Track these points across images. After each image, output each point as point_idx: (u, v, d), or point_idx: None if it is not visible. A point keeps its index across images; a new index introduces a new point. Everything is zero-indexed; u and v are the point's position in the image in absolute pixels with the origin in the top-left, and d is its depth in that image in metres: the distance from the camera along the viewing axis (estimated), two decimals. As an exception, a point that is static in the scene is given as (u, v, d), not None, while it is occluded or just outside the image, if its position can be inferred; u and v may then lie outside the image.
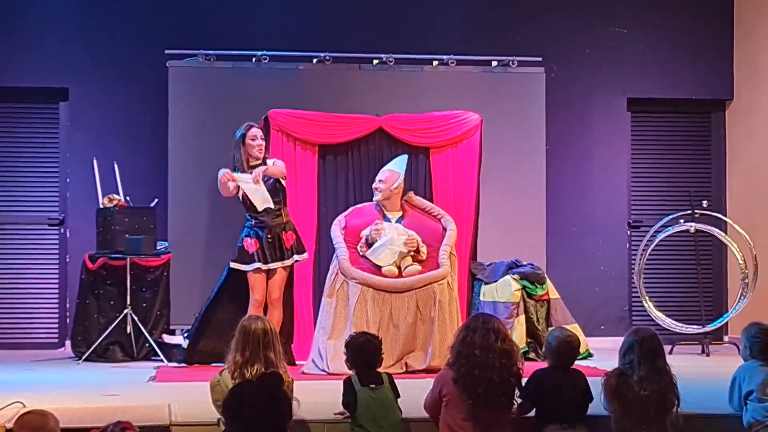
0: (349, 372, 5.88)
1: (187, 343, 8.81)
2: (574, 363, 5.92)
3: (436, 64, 10.15)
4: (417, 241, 8.64)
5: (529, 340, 9.15)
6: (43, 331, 10.35)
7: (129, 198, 9.69)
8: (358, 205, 9.09)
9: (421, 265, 8.57)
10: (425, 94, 9.94)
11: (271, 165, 8.60)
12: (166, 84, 9.78)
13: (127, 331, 9.19)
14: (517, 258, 9.58)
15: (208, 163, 9.36)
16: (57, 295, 10.37)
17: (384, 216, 8.82)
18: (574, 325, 9.22)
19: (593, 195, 10.99)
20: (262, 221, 8.52)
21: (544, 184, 10.27)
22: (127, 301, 9.18)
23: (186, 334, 9.12)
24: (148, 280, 9.51)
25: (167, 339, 9.43)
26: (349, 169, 9.51)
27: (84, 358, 9.16)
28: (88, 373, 8.48)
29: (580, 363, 8.42)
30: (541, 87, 10.25)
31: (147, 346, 9.28)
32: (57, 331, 10.33)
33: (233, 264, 8.58)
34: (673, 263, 11.01)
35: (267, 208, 8.51)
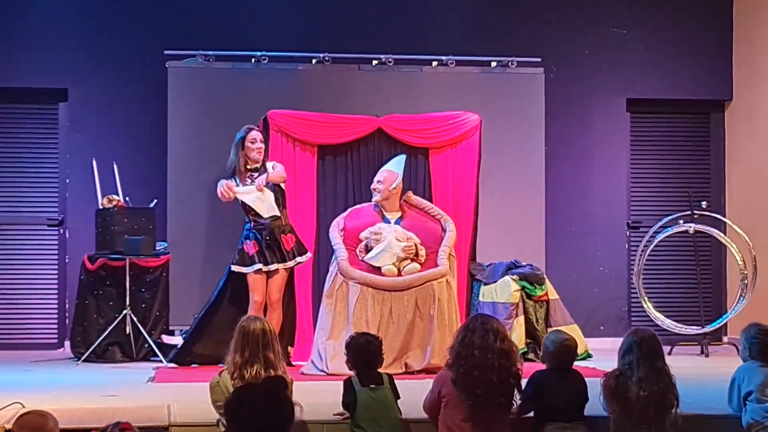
0: (349, 372, 5.88)
1: (182, 342, 8.82)
2: (571, 365, 5.91)
3: (435, 64, 10.14)
4: (416, 247, 8.64)
5: (528, 341, 9.15)
6: (42, 332, 10.35)
7: (128, 198, 9.68)
8: (356, 206, 9.09)
9: (420, 265, 8.58)
10: (424, 94, 9.94)
11: (271, 170, 8.60)
12: (166, 84, 9.77)
13: (127, 331, 9.19)
14: (516, 258, 9.58)
15: (208, 163, 9.37)
16: (56, 296, 10.36)
17: (383, 217, 8.82)
18: (573, 325, 9.23)
19: (592, 195, 10.99)
20: (261, 224, 8.52)
21: (543, 185, 10.27)
22: (127, 302, 9.18)
23: (185, 335, 9.13)
24: (148, 280, 9.51)
25: (166, 339, 9.43)
26: (349, 170, 9.51)
27: (83, 358, 9.15)
28: (88, 374, 8.48)
29: (579, 364, 8.44)
30: (540, 87, 10.24)
31: (146, 346, 9.28)
32: (56, 331, 10.32)
33: (234, 267, 8.58)
34: (672, 264, 11.01)
35: (271, 214, 8.51)
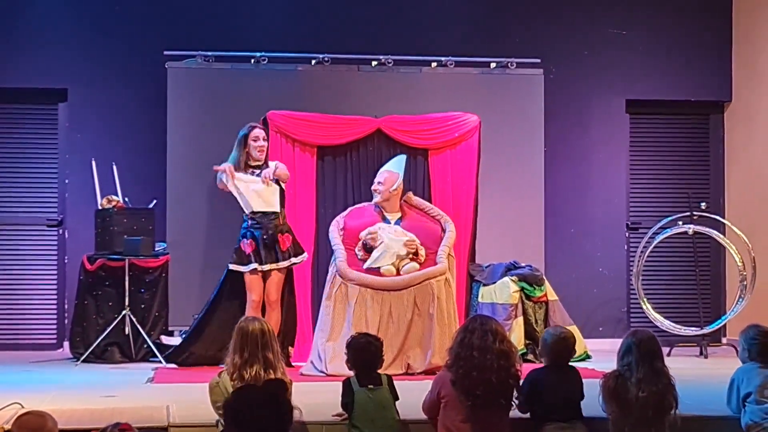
0: (349, 373, 5.88)
1: (180, 343, 8.81)
2: (569, 361, 5.92)
3: (434, 65, 10.14)
4: (417, 243, 8.64)
5: (527, 342, 9.15)
6: (41, 332, 10.34)
7: (128, 199, 9.68)
8: (357, 206, 9.10)
9: (419, 265, 8.57)
10: (424, 95, 9.94)
11: (274, 167, 8.61)
12: (165, 85, 9.77)
13: (126, 332, 9.19)
14: (515, 259, 9.58)
15: (207, 164, 9.33)
16: (55, 296, 10.35)
17: (383, 217, 8.83)
18: (572, 326, 9.22)
19: (592, 196, 10.99)
20: (258, 222, 8.52)
21: (542, 186, 10.27)
22: (126, 302, 9.18)
23: (184, 336, 9.13)
24: (147, 281, 9.51)
25: (165, 340, 9.43)
26: (348, 171, 9.51)
27: (82, 359, 9.15)
28: (87, 374, 8.47)
29: (578, 365, 8.45)
30: (539, 88, 10.25)
31: (145, 347, 9.28)
32: (55, 332, 10.32)
33: (231, 265, 8.59)
34: (671, 265, 11.01)
35: (264, 210, 8.51)
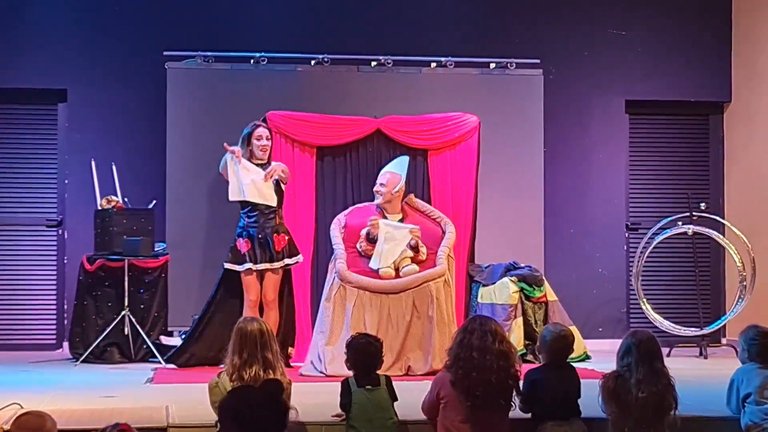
0: (349, 373, 5.88)
1: (180, 344, 8.81)
2: (567, 359, 5.91)
3: (434, 65, 10.14)
4: (419, 230, 8.65)
5: (527, 342, 9.14)
6: (40, 333, 10.34)
7: (127, 199, 9.68)
8: (358, 205, 9.10)
9: (419, 266, 8.57)
10: (423, 95, 9.93)
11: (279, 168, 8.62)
12: (165, 85, 9.77)
13: (125, 332, 9.18)
14: (515, 260, 9.57)
15: (207, 164, 9.36)
16: (55, 297, 10.35)
17: (384, 218, 8.82)
18: (571, 327, 9.18)
19: (591, 197, 10.98)
20: (254, 221, 8.52)
21: (542, 186, 10.27)
22: (125, 303, 9.17)
23: (184, 336, 9.13)
24: (146, 281, 9.51)
25: (165, 340, 9.43)
26: (348, 171, 9.51)
27: (81, 359, 9.15)
28: (86, 375, 8.47)
29: (577, 365, 8.44)
30: (539, 89, 10.24)
31: (145, 347, 9.28)
32: (55, 332, 10.31)
33: (227, 265, 8.60)
34: (671, 265, 11.01)
35: (260, 207, 8.50)
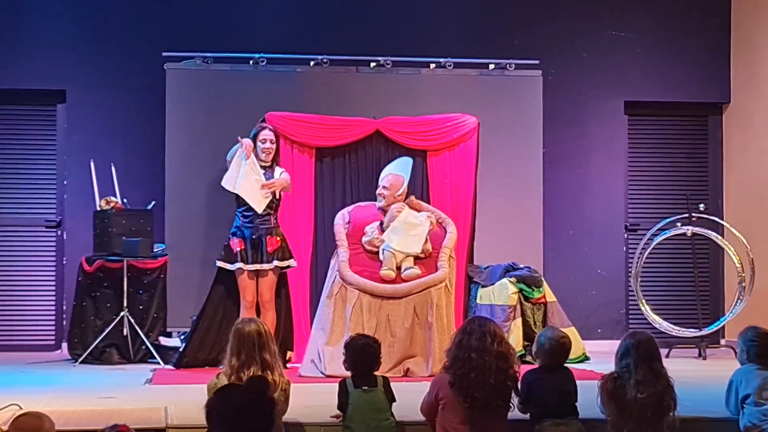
0: (347, 374, 5.88)
1: (183, 347, 8.81)
2: (564, 363, 5.91)
3: (433, 66, 10.13)
4: (434, 218, 8.72)
5: (525, 343, 9.13)
6: (39, 334, 10.34)
7: (126, 200, 9.68)
8: (360, 203, 9.09)
9: (421, 266, 8.55)
10: (422, 96, 9.92)
11: (278, 176, 8.60)
12: (164, 86, 9.75)
13: (124, 333, 9.18)
14: (514, 261, 9.57)
15: (206, 165, 9.36)
16: (54, 297, 10.35)
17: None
18: (570, 328, 9.22)
19: (590, 198, 10.99)
20: (250, 221, 8.51)
21: (541, 187, 10.26)
22: (124, 304, 9.17)
23: (183, 337, 9.13)
24: (145, 282, 9.51)
25: (164, 341, 9.43)
26: (347, 172, 9.51)
27: (80, 360, 9.15)
28: (85, 376, 8.47)
29: (576, 366, 8.45)
30: (538, 90, 10.23)
31: (143, 348, 9.28)
32: (53, 333, 10.31)
33: (219, 262, 8.61)
34: (670, 267, 11.01)
35: (246, 203, 8.51)
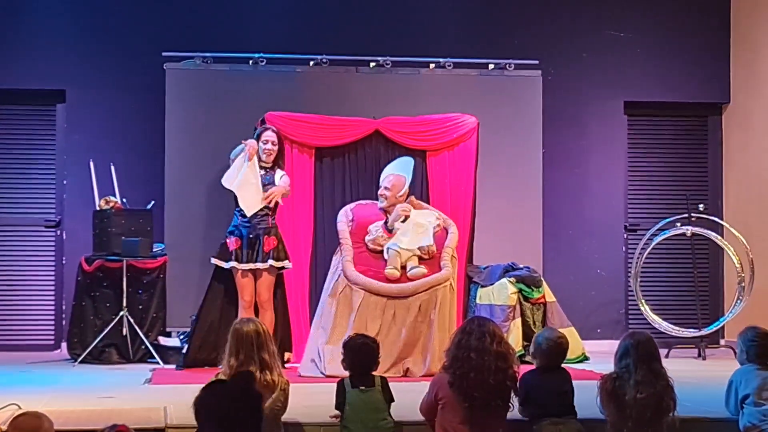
0: (346, 374, 5.88)
1: (186, 348, 8.80)
2: (561, 364, 5.91)
3: (432, 66, 10.13)
4: (442, 222, 8.73)
5: (525, 344, 9.11)
6: (38, 333, 10.34)
7: (125, 200, 9.68)
8: (361, 201, 9.09)
9: (426, 266, 8.54)
10: (422, 96, 9.92)
11: (278, 180, 8.59)
12: (163, 86, 9.75)
13: (123, 333, 9.18)
14: (513, 261, 9.57)
15: (205, 165, 9.36)
16: (53, 297, 10.35)
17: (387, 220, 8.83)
18: (570, 328, 9.22)
19: (590, 198, 10.99)
20: (247, 221, 8.51)
21: (540, 187, 10.25)
22: (123, 303, 9.17)
23: (182, 337, 9.12)
24: (144, 282, 9.51)
25: (163, 341, 9.43)
26: (346, 172, 9.51)
27: (80, 360, 9.15)
28: (84, 375, 8.47)
29: (576, 366, 8.46)
30: (537, 90, 10.23)
31: (143, 348, 9.28)
32: (53, 333, 10.31)
33: (213, 259, 8.61)
34: (669, 267, 11.01)
35: (241, 202, 8.51)
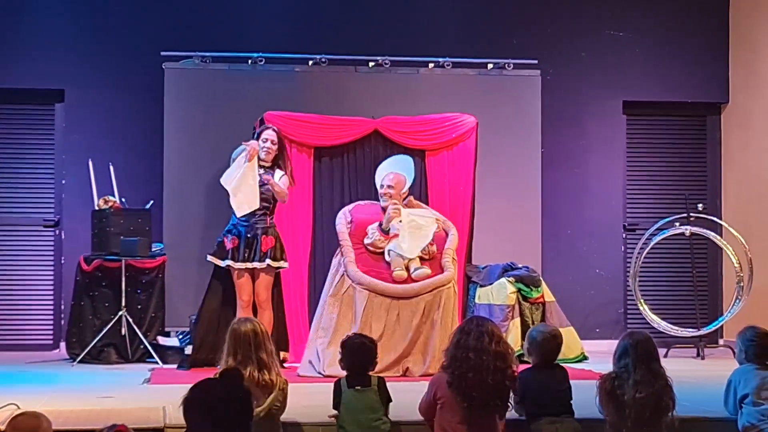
0: (343, 374, 5.88)
1: (190, 349, 8.78)
2: (556, 359, 5.91)
3: (431, 66, 10.13)
4: (441, 222, 8.70)
5: (524, 343, 9.13)
6: (37, 333, 10.33)
7: (124, 200, 9.68)
8: (360, 202, 9.08)
9: (429, 267, 8.53)
10: (421, 96, 9.93)
11: (277, 180, 8.57)
12: (162, 86, 9.76)
13: (122, 332, 9.18)
14: (512, 261, 9.57)
15: (204, 165, 9.37)
16: (52, 297, 10.34)
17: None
18: (569, 328, 9.22)
19: (589, 198, 10.99)
20: (246, 220, 8.50)
21: (539, 187, 10.26)
22: (122, 303, 9.17)
23: (181, 337, 9.12)
24: (143, 281, 9.51)
25: (162, 341, 9.42)
26: (345, 172, 9.51)
27: (78, 359, 9.14)
28: (83, 375, 8.47)
29: (575, 366, 8.47)
30: (536, 90, 10.24)
31: (142, 348, 9.27)
32: (52, 332, 10.30)
33: (209, 257, 8.61)
34: (668, 266, 11.01)
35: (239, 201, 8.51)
